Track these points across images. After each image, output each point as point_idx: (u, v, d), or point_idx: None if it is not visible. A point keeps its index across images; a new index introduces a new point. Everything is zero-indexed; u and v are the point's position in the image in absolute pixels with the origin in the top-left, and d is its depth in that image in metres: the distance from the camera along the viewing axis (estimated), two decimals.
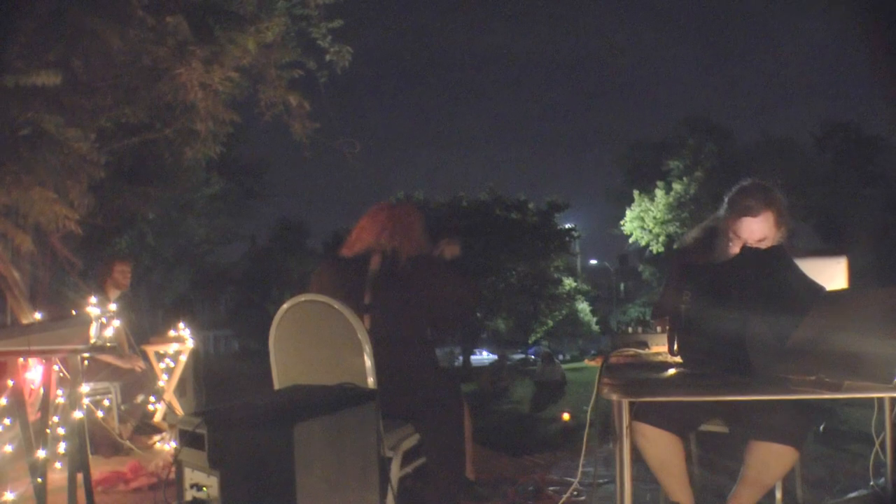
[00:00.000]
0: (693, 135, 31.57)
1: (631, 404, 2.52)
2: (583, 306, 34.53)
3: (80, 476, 3.20)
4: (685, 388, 2.46)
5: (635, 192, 31.66)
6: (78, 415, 3.21)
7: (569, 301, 30.33)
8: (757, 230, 2.93)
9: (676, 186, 30.20)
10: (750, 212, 2.93)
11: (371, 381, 2.99)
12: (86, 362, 4.32)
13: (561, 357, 28.87)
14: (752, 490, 2.94)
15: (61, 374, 4.22)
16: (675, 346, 2.89)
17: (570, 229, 29.20)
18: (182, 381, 6.58)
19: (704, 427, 3.21)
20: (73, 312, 4.71)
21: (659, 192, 30.45)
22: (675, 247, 26.65)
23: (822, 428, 5.26)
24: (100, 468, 4.76)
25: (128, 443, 5.57)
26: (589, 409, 2.66)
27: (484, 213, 27.14)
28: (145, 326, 6.68)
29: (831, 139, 30.57)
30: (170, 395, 6.34)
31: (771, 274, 2.83)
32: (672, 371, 2.63)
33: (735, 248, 2.96)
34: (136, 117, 5.75)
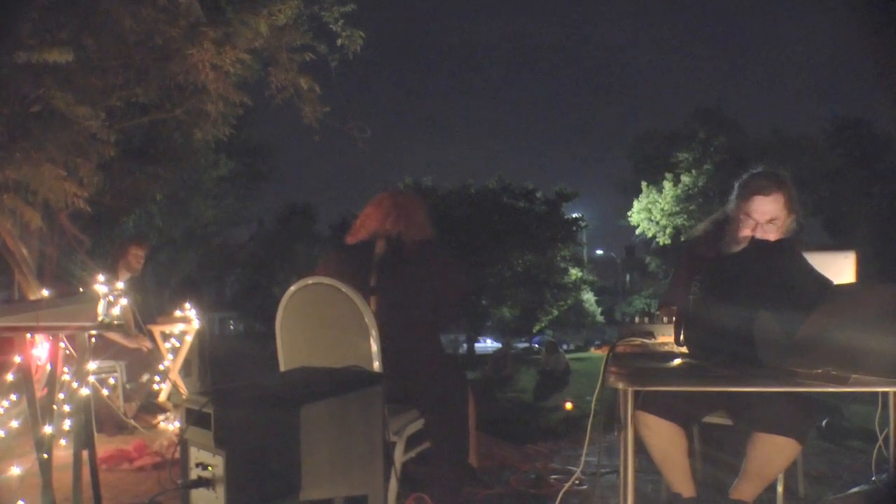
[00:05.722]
0: (703, 127, 31.44)
1: (636, 394, 2.53)
2: (588, 296, 34.50)
3: (85, 453, 3.21)
4: (691, 379, 2.46)
5: (643, 184, 31.54)
6: (84, 392, 3.22)
7: (574, 291, 30.28)
8: (768, 210, 2.93)
9: (685, 179, 30.09)
10: (762, 191, 2.94)
11: (377, 364, 3.00)
12: (93, 340, 4.34)
13: (565, 347, 28.90)
14: (753, 483, 2.94)
15: (67, 351, 4.24)
16: (682, 337, 2.89)
17: (577, 219, 29.12)
18: (187, 362, 6.61)
19: (708, 419, 3.22)
20: (81, 290, 4.73)
21: (667, 184, 30.35)
22: (682, 239, 26.66)
23: (824, 423, 5.26)
24: (104, 446, 4.78)
25: (132, 421, 5.60)
26: (593, 399, 2.66)
27: (492, 200, 27.09)
28: (151, 306, 6.69)
29: (841, 136, 30.44)
30: (175, 375, 6.37)
31: (779, 267, 2.83)
32: (678, 361, 2.63)
33: (746, 231, 2.96)
34: (146, 97, 5.74)
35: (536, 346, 31.66)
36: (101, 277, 5.18)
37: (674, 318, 3.02)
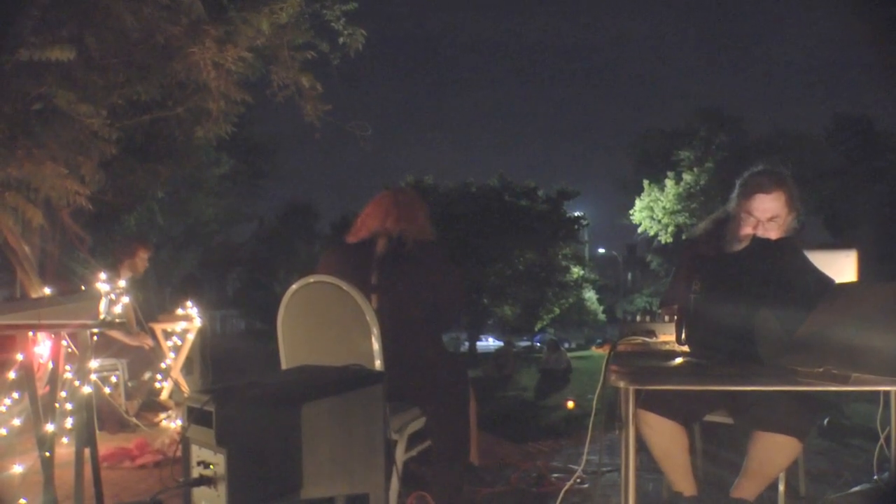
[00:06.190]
0: (705, 125, 31.45)
1: (637, 392, 2.52)
2: (590, 295, 34.51)
3: (86, 451, 3.21)
4: (692, 378, 2.45)
5: (645, 182, 31.56)
6: (87, 390, 3.22)
7: (576, 289, 30.36)
8: (769, 208, 2.93)
9: (687, 177, 30.10)
10: (763, 188, 2.94)
11: (378, 363, 3.00)
12: (94, 338, 4.34)
13: (566, 345, 28.94)
14: (754, 482, 2.94)
15: (69, 349, 4.24)
16: (683, 336, 2.89)
17: (578, 217, 29.18)
18: (189, 360, 6.61)
19: (709, 417, 3.21)
20: (83, 288, 4.73)
21: (669, 182, 30.36)
22: (683, 237, 26.64)
23: (826, 422, 5.26)
24: (106, 444, 4.78)
25: (134, 419, 5.60)
26: (595, 397, 2.66)
27: (493, 199, 27.12)
28: (153, 304, 6.70)
29: (842, 134, 30.41)
30: (176, 373, 6.37)
31: (781, 265, 2.83)
32: (679, 360, 2.63)
33: (747, 229, 2.96)
34: (148, 95, 5.74)
35: (538, 344, 31.74)
36: (102, 275, 5.19)
37: (675, 317, 3.02)
